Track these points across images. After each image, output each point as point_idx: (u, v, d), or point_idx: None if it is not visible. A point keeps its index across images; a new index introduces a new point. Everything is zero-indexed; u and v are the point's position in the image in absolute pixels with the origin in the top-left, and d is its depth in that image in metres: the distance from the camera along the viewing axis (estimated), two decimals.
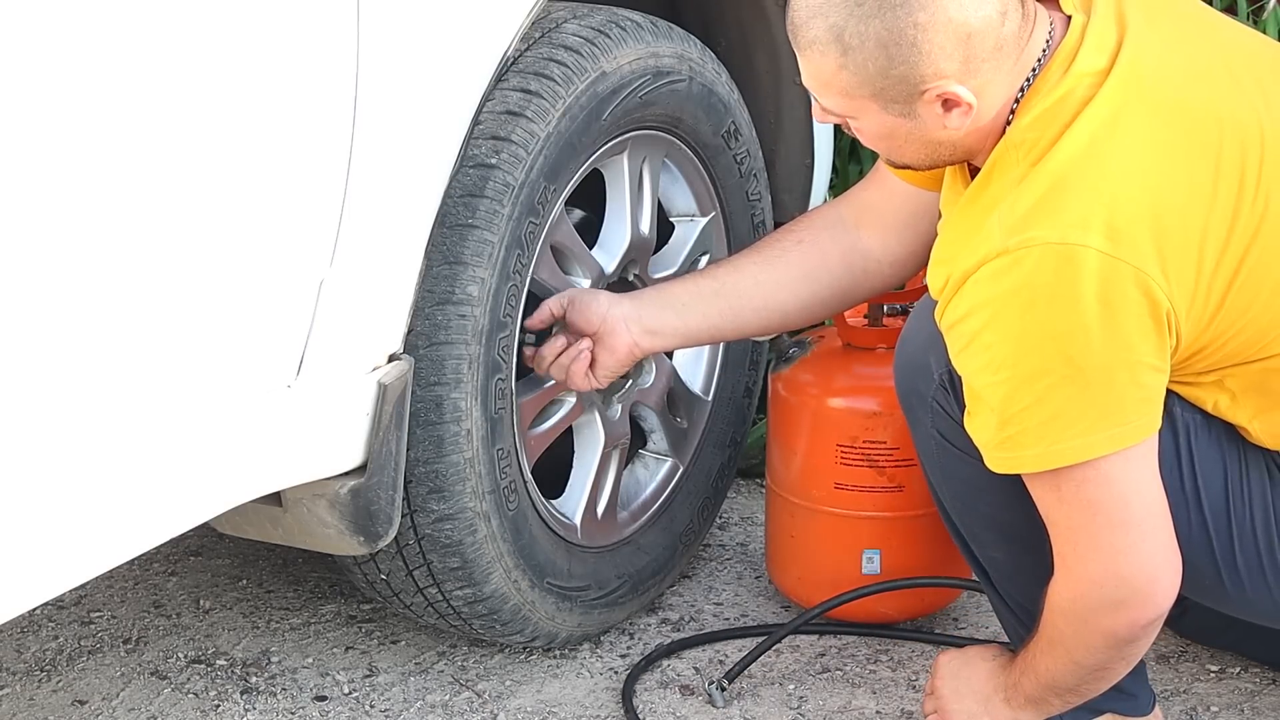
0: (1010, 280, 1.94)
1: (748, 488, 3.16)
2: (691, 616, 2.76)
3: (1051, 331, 1.94)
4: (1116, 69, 1.98)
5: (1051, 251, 1.92)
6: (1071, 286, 1.92)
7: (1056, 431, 1.97)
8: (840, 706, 2.53)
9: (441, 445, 2.29)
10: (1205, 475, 2.09)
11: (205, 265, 1.97)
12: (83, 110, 1.80)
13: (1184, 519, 2.08)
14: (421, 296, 2.26)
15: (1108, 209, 1.93)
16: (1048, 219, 1.93)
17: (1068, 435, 1.97)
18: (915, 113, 1.99)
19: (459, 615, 2.46)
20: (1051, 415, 1.97)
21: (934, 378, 2.16)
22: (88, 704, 2.53)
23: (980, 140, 2.03)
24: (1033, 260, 1.93)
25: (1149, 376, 1.98)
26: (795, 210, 2.95)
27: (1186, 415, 2.09)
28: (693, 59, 2.60)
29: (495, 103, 2.32)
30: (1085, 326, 1.93)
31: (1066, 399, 1.96)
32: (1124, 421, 1.97)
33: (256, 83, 1.97)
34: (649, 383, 2.71)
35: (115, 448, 1.93)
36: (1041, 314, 1.94)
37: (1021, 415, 1.98)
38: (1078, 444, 1.97)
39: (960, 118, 1.98)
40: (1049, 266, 1.92)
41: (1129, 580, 2.03)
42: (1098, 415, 1.97)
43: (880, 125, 2.02)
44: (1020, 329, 1.95)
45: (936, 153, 2.05)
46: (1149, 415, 1.99)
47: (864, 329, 2.61)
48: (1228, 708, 2.52)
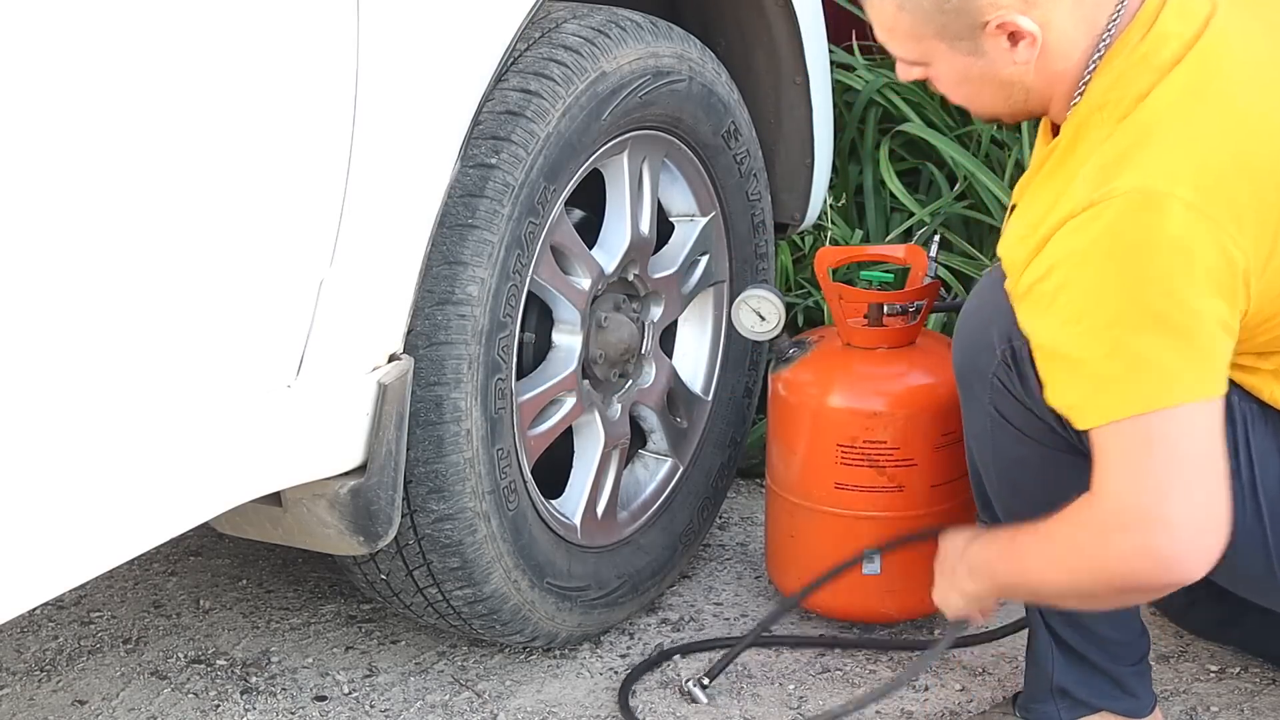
0: (1094, 230, 1.93)
1: (748, 488, 3.16)
2: (691, 616, 2.76)
3: (1133, 278, 1.92)
4: (1206, 36, 1.98)
5: (1136, 199, 1.91)
6: (1154, 233, 1.91)
7: (1140, 376, 1.93)
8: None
9: (441, 445, 2.29)
10: (1262, 465, 2.08)
11: (205, 265, 1.97)
12: (84, 110, 1.80)
13: (1239, 508, 2.04)
14: (421, 296, 2.26)
15: (1196, 162, 1.92)
16: (1134, 169, 1.92)
17: (1150, 380, 1.93)
18: (982, 49, 2.00)
19: (459, 615, 2.46)
20: (1134, 361, 1.93)
21: (995, 354, 2.15)
22: (88, 704, 2.53)
23: (1053, 84, 2.03)
24: (1116, 209, 1.92)
25: (1221, 336, 1.95)
26: (795, 210, 2.96)
27: (1244, 405, 2.07)
28: (693, 59, 2.60)
29: (495, 103, 2.32)
30: (1167, 274, 1.91)
31: (1148, 345, 1.92)
32: (1203, 373, 1.94)
33: (256, 83, 1.97)
34: (649, 383, 2.71)
35: (115, 448, 1.93)
36: (1123, 261, 1.92)
37: (1103, 362, 1.94)
38: (1159, 390, 1.92)
39: (1027, 50, 1.99)
40: (1132, 213, 1.91)
41: (1172, 530, 1.93)
42: (1180, 362, 1.93)
43: (953, 68, 2.04)
44: (1101, 276, 1.93)
45: (1013, 96, 2.05)
46: (1221, 374, 1.95)
47: (864, 329, 2.60)
48: (1228, 708, 2.52)
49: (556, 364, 2.53)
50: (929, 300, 2.62)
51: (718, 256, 2.79)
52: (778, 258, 3.24)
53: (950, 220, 3.34)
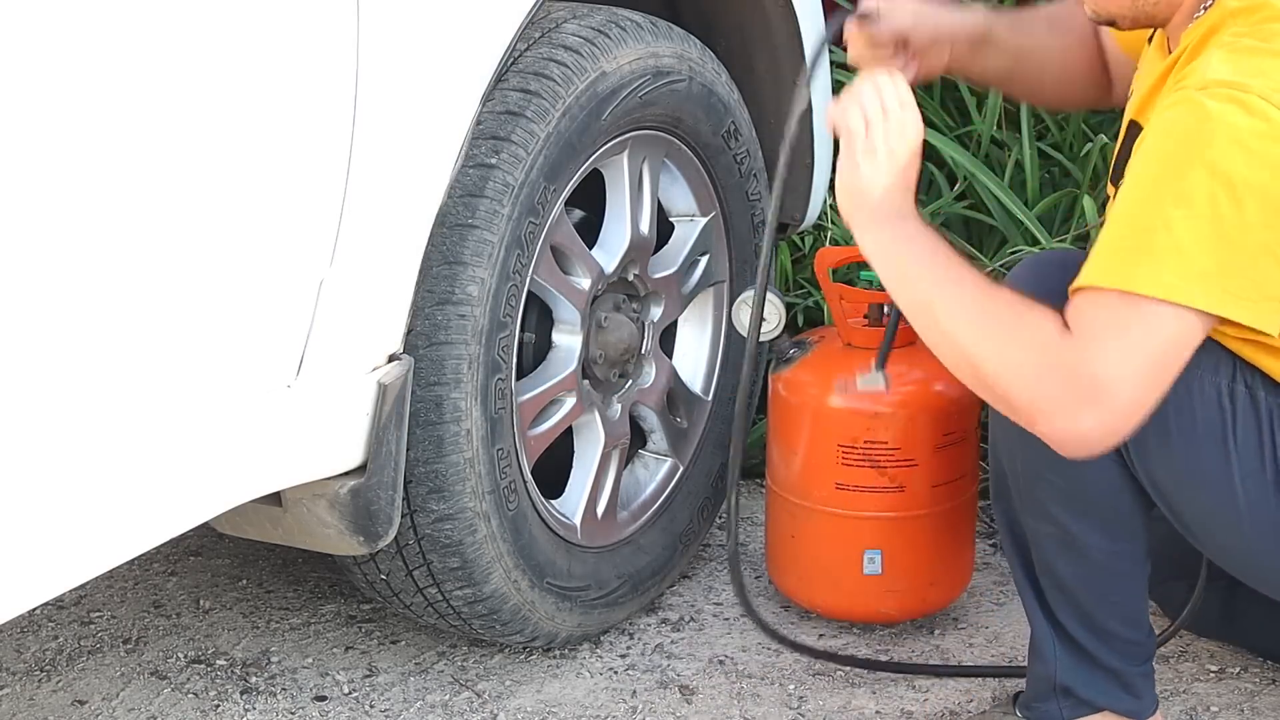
0: (1198, 109, 1.89)
1: (748, 488, 3.16)
2: (691, 616, 2.76)
3: (1213, 168, 1.88)
4: None
5: (1253, 102, 1.88)
6: (1252, 138, 1.87)
7: (1170, 261, 1.89)
8: (840, 706, 2.53)
9: (441, 445, 2.29)
10: (1244, 439, 2.07)
11: (205, 265, 1.97)
12: (84, 111, 1.80)
13: (1264, 501, 2.07)
14: (421, 296, 2.26)
15: None
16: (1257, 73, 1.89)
17: (1176, 270, 1.89)
18: None
19: (459, 615, 2.46)
20: (1174, 245, 1.89)
21: None
22: (88, 704, 2.53)
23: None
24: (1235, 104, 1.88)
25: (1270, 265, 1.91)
26: (795, 210, 2.96)
27: (1271, 400, 2.07)
28: (693, 59, 2.60)
29: (495, 103, 2.32)
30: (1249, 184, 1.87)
31: (1196, 236, 1.88)
32: (1236, 289, 1.91)
33: (256, 83, 1.97)
34: (649, 383, 2.71)
35: (115, 448, 1.93)
36: (1212, 151, 1.88)
37: (1144, 231, 1.90)
38: (1178, 284, 1.88)
39: None
40: (1238, 112, 1.88)
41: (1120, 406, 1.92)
42: (1216, 267, 1.89)
43: None
44: (1185, 155, 1.89)
45: (1139, 2, 2.04)
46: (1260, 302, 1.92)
47: (864, 329, 2.60)
48: (1228, 708, 2.52)
49: (556, 364, 2.53)
50: None
51: (718, 256, 2.79)
52: (778, 258, 3.24)
53: (950, 220, 3.34)
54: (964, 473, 2.62)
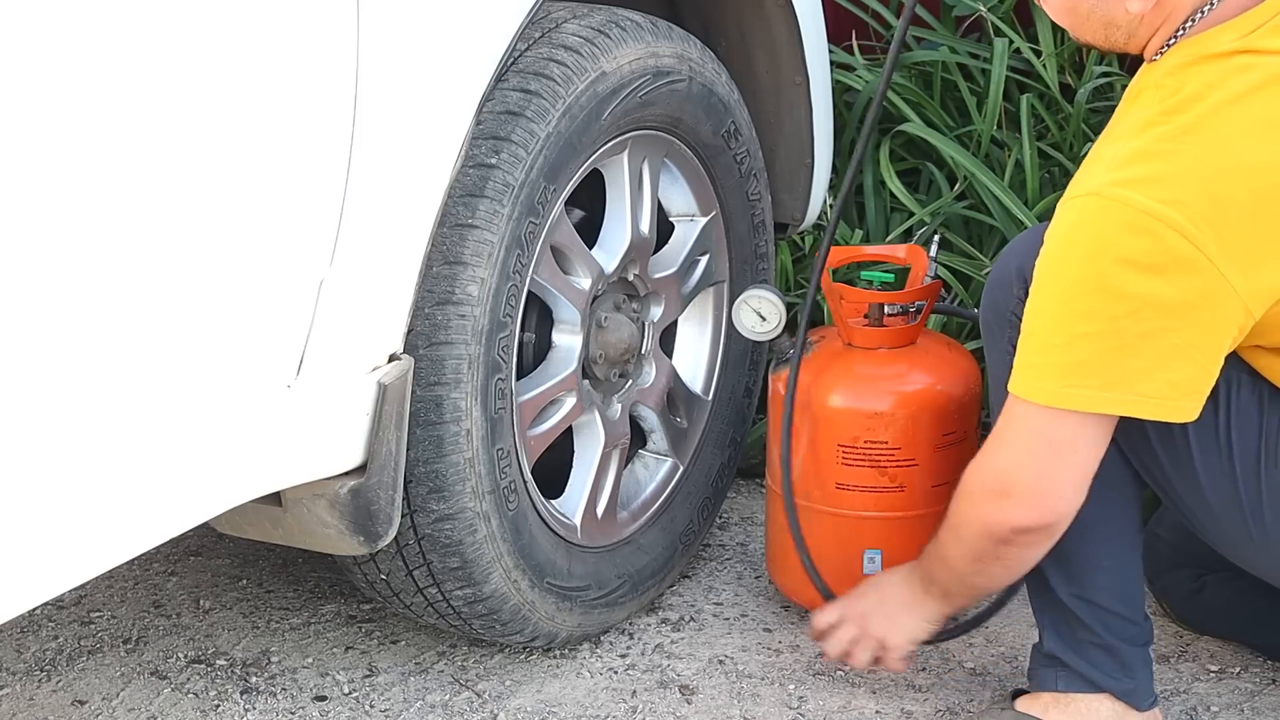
0: (1084, 225, 2.01)
1: (748, 488, 3.16)
2: (691, 616, 2.76)
3: (1101, 288, 2.00)
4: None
5: (1133, 217, 1.97)
6: (1134, 254, 1.98)
7: (1074, 378, 2.03)
8: (840, 706, 2.53)
9: (441, 445, 2.29)
10: (1240, 427, 2.12)
11: (205, 265, 1.97)
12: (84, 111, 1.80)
13: (1215, 466, 2.13)
14: (421, 296, 2.26)
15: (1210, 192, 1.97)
16: (1142, 182, 1.98)
17: (1083, 384, 2.03)
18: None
19: (459, 615, 2.46)
20: (1077, 362, 2.03)
21: (1014, 293, 2.20)
22: (88, 704, 2.53)
23: (1153, 33, 2.10)
24: (1114, 218, 1.98)
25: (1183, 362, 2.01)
26: (795, 210, 2.96)
27: (1230, 370, 2.10)
28: (693, 59, 2.60)
29: (495, 103, 2.32)
30: (1135, 295, 1.98)
31: (1095, 352, 2.01)
32: (1136, 392, 2.03)
33: (256, 83, 1.97)
34: (649, 382, 2.71)
35: (115, 448, 1.93)
36: (1097, 269, 2.00)
37: (1050, 351, 2.05)
38: (1087, 395, 2.04)
39: (1141, 3, 2.06)
40: (1126, 231, 1.98)
41: (1029, 488, 2.12)
42: (1116, 377, 2.02)
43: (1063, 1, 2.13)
44: (1077, 275, 2.02)
45: (1113, 36, 2.13)
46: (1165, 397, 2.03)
47: (865, 329, 2.60)
48: (1228, 708, 2.52)
49: (556, 364, 2.53)
50: (930, 300, 2.61)
51: (718, 256, 2.79)
52: (778, 258, 3.24)
53: (950, 220, 3.34)
54: None
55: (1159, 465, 2.19)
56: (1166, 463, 2.18)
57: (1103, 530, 2.25)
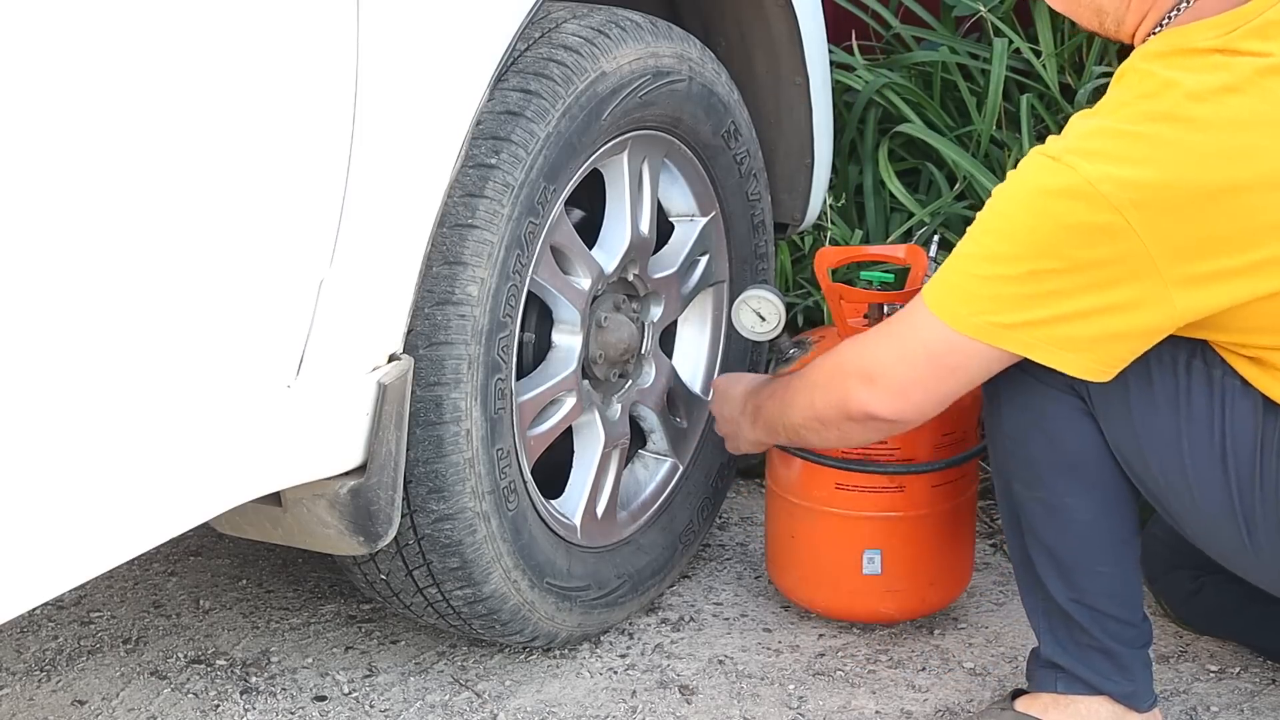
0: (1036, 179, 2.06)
1: (748, 488, 3.16)
2: (691, 616, 2.76)
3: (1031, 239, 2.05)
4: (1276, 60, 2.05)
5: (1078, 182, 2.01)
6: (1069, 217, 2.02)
7: (986, 308, 2.08)
8: (840, 706, 2.53)
9: (441, 445, 2.29)
10: (1235, 437, 2.13)
11: (205, 265, 1.97)
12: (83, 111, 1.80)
13: (1210, 474, 2.14)
14: (421, 296, 2.26)
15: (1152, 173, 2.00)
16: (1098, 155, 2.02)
17: (986, 315, 2.08)
18: None
19: (459, 615, 2.46)
20: (991, 296, 2.08)
21: None
22: (88, 704, 2.53)
23: (1140, 20, 2.14)
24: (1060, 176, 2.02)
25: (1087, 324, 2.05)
26: (795, 210, 2.96)
27: (1227, 379, 2.12)
28: (693, 59, 2.60)
29: (495, 103, 2.32)
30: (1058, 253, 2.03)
31: (1009, 294, 2.07)
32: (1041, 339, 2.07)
33: (256, 83, 1.97)
34: (649, 383, 2.71)
35: (115, 448, 1.93)
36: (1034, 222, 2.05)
37: (971, 279, 2.10)
38: (988, 329, 2.09)
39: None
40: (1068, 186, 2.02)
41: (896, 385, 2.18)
42: (1024, 319, 2.07)
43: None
44: (1017, 223, 2.07)
45: (1105, 22, 2.18)
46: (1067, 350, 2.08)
47: (864, 329, 2.60)
48: (1228, 708, 2.52)
49: (556, 364, 2.53)
50: None
51: (717, 256, 2.79)
52: (778, 258, 3.24)
53: (950, 220, 3.34)
54: (964, 473, 2.62)
55: (1152, 474, 2.19)
56: (1159, 472, 2.18)
57: (1100, 537, 2.25)
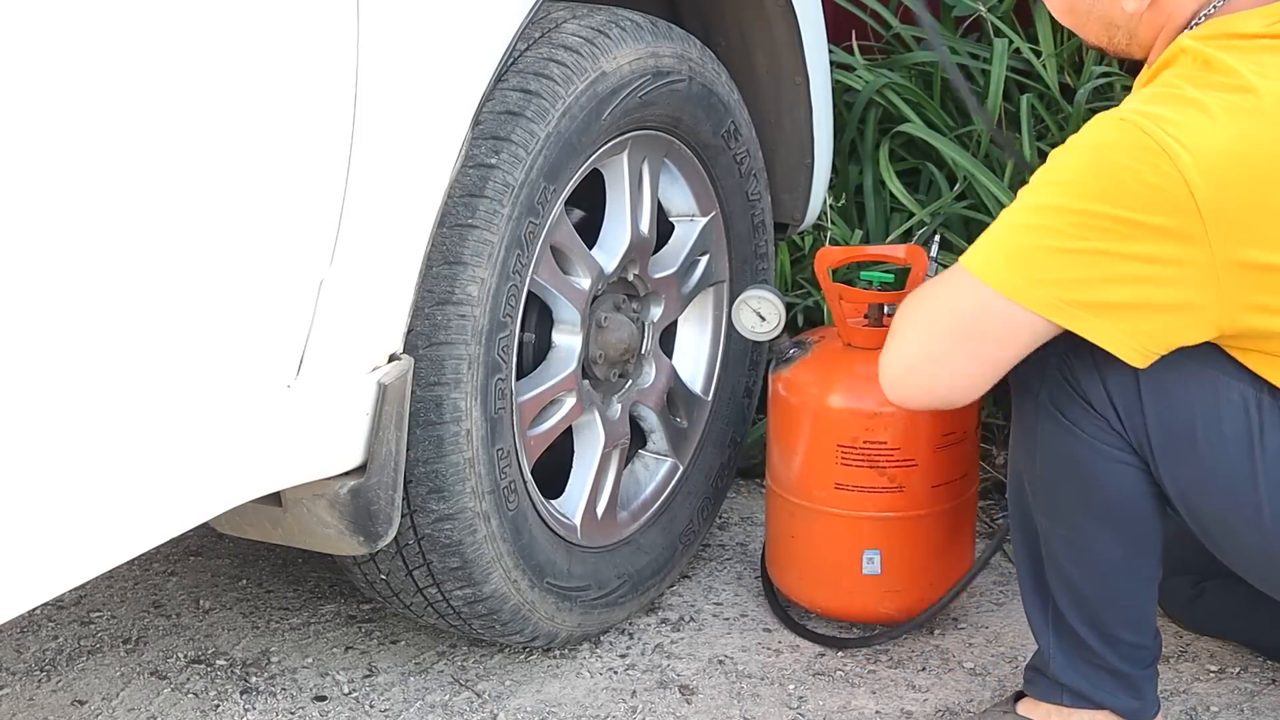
0: (1099, 135, 2.02)
1: (748, 488, 3.16)
2: (691, 616, 2.76)
3: (1089, 187, 2.00)
4: None
5: (1146, 141, 1.97)
6: (1133, 175, 1.97)
7: (1029, 265, 2.02)
8: (840, 706, 2.53)
9: (441, 445, 2.29)
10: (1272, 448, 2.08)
11: (205, 265, 1.97)
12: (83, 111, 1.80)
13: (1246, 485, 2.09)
14: (421, 296, 2.26)
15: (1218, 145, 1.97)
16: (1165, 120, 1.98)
17: (1032, 275, 2.02)
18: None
19: (459, 615, 2.46)
20: (1035, 247, 2.02)
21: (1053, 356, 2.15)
22: (88, 704, 2.53)
23: (1155, 34, 2.13)
24: (1128, 133, 1.99)
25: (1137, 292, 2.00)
26: (795, 210, 2.96)
27: (1262, 396, 2.08)
28: (693, 59, 2.60)
29: (495, 103, 2.32)
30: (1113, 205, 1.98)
31: (1051, 239, 2.01)
32: (1082, 304, 2.01)
33: (257, 83, 1.97)
34: (649, 383, 2.71)
35: (115, 448, 1.93)
36: (1095, 170, 2.00)
37: (1017, 232, 2.04)
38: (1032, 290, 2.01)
39: (1136, 1, 2.10)
40: (1133, 144, 1.98)
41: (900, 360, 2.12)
42: (1066, 278, 2.01)
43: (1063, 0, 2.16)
44: (1075, 176, 2.02)
45: (1115, 37, 2.16)
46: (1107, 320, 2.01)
47: (864, 329, 2.60)
48: (1228, 708, 2.52)
49: (556, 364, 2.54)
50: None
51: (718, 256, 2.79)
52: (777, 258, 3.24)
53: (950, 220, 3.34)
54: (964, 473, 2.62)
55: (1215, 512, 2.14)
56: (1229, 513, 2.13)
57: (1127, 575, 2.22)
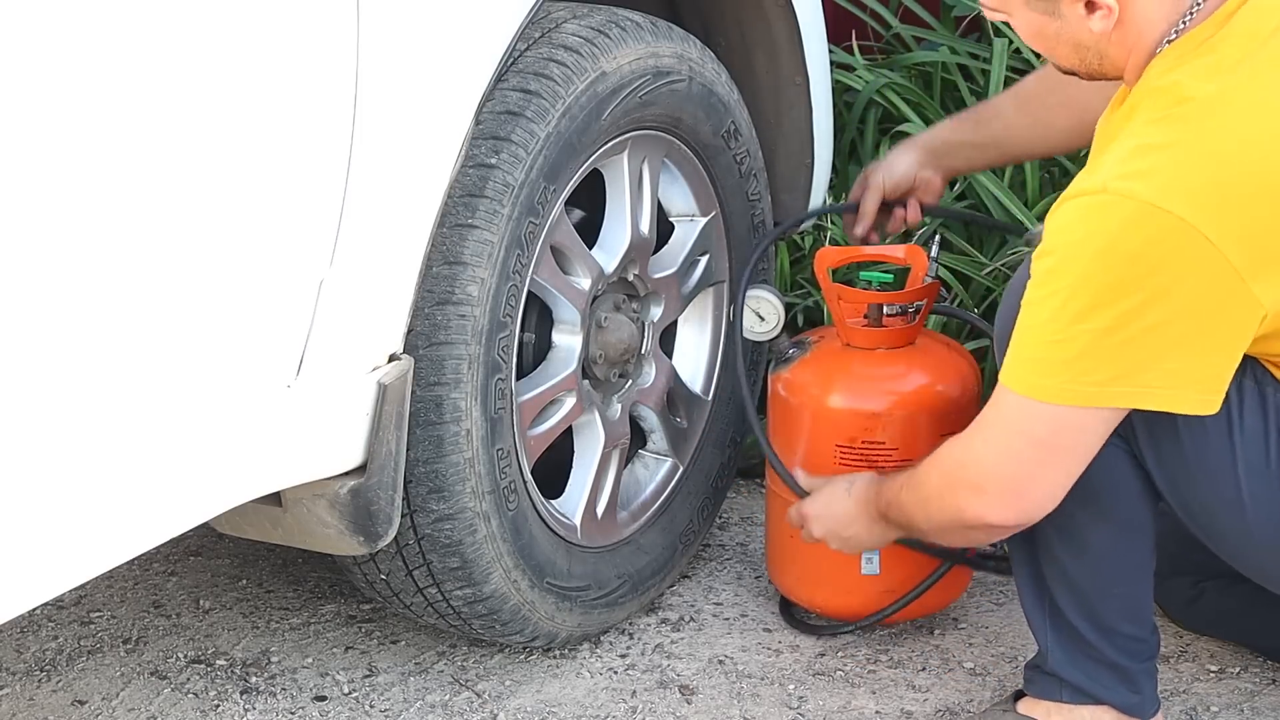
0: (1092, 224, 1.99)
1: (748, 488, 3.16)
2: (691, 616, 2.76)
3: (1106, 283, 1.98)
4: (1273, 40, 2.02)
5: (1137, 208, 1.96)
6: (1139, 247, 1.96)
7: (1078, 372, 2.01)
8: (840, 706, 2.53)
9: (441, 445, 2.29)
10: (1250, 432, 2.08)
11: (205, 266, 1.97)
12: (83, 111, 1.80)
13: (1267, 495, 2.09)
14: (421, 296, 2.26)
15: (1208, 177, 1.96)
16: (1145, 174, 1.97)
17: (1087, 379, 2.01)
18: (1059, 12, 2.07)
19: (459, 615, 2.46)
20: (1080, 355, 2.00)
21: None
22: (88, 704, 2.53)
23: (1127, 54, 2.09)
24: (1119, 213, 1.97)
25: (1188, 351, 1.99)
26: (795, 210, 2.95)
27: (1243, 379, 2.08)
28: (692, 59, 2.60)
29: (495, 103, 2.32)
30: (1139, 285, 1.97)
31: (1101, 347, 1.99)
32: (1143, 384, 2.00)
33: (257, 83, 1.97)
34: (649, 383, 2.71)
35: (116, 448, 1.93)
36: (1102, 264, 1.98)
37: (1053, 346, 2.02)
38: (1092, 391, 2.01)
39: (1102, 21, 2.06)
40: (1126, 221, 1.97)
41: (1008, 488, 2.10)
42: (1121, 370, 2.00)
43: (1029, 24, 2.11)
44: (1082, 271, 2.00)
45: (1086, 58, 2.12)
46: (1172, 387, 2.01)
47: (864, 329, 2.60)
48: (1228, 708, 2.52)
49: (556, 364, 2.54)
50: (929, 301, 2.61)
51: (717, 256, 2.79)
52: (777, 258, 3.24)
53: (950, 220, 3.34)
54: None
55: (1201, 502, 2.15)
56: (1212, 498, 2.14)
57: (1119, 562, 2.23)
